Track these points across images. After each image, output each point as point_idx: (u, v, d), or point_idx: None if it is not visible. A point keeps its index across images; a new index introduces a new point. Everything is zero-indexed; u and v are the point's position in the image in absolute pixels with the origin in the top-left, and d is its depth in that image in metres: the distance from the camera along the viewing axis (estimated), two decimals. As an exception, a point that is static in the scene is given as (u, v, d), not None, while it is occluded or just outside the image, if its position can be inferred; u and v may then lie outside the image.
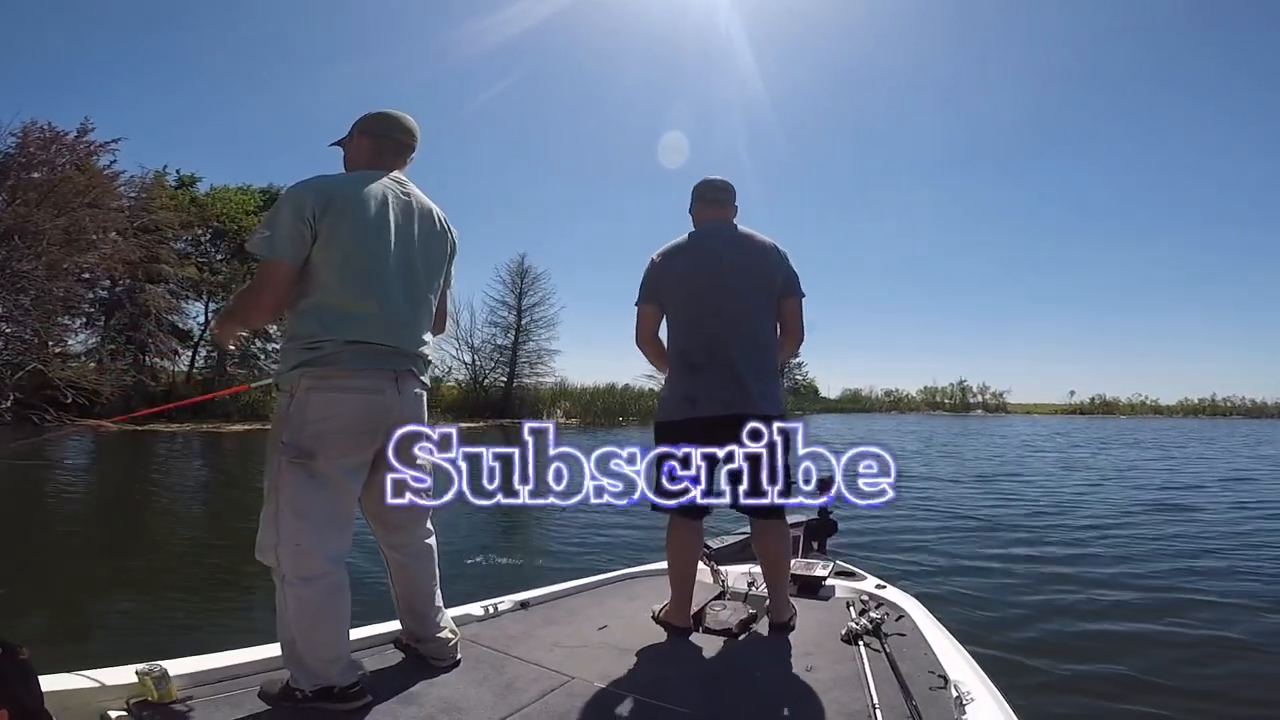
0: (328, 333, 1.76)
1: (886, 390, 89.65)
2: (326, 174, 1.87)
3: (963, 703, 1.73)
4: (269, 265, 1.75)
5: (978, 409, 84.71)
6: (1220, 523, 8.68)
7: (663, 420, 2.44)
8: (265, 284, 1.77)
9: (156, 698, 1.62)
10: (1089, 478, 14.42)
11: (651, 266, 2.55)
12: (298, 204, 1.75)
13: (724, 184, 2.62)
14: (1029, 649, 4.13)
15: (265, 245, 1.74)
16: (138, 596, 5.35)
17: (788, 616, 2.43)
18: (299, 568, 1.71)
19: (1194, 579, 5.82)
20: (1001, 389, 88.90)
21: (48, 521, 8.70)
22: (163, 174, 29.62)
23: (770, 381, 2.41)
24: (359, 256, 1.80)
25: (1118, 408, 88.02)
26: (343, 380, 1.77)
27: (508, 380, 38.81)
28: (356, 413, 1.79)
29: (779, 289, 2.48)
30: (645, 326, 2.58)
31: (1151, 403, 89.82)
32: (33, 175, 20.51)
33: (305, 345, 1.76)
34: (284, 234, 1.73)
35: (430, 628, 2.05)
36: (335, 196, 1.78)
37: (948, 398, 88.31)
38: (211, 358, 30.24)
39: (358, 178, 1.88)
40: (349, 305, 1.79)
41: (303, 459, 1.73)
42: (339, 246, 1.77)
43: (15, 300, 19.58)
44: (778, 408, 2.41)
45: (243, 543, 1.88)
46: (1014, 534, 7.90)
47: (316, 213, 1.75)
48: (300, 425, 1.74)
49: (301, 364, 1.75)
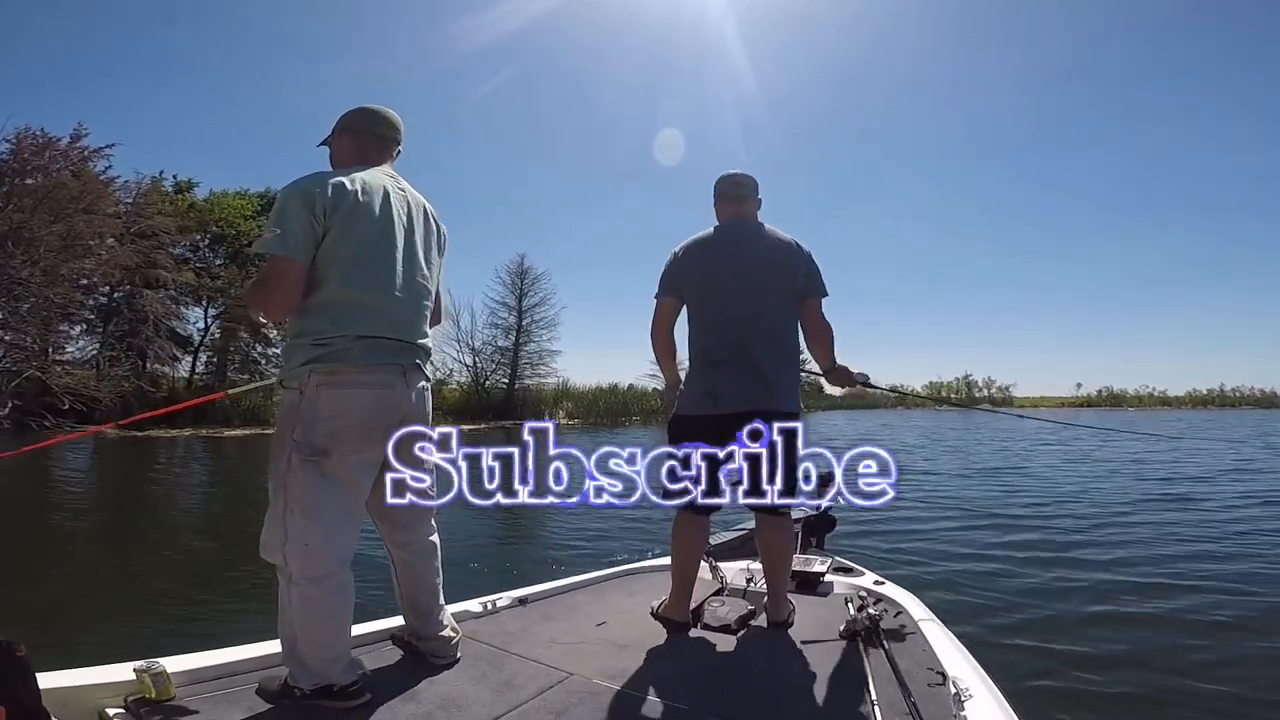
0: (337, 328, 1.76)
1: (891, 386, 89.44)
2: (329, 170, 1.87)
3: (961, 699, 1.75)
4: (283, 263, 1.72)
5: (984, 403, 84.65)
6: (1225, 519, 8.58)
7: (681, 414, 2.46)
8: (279, 282, 1.74)
9: (155, 695, 1.63)
10: (1095, 470, 14.39)
11: (673, 259, 2.56)
12: (308, 200, 1.73)
13: (744, 178, 2.62)
14: (1028, 645, 4.14)
15: (279, 243, 1.71)
16: (136, 594, 5.38)
17: (786, 613, 2.45)
18: (307, 567, 1.71)
19: (1198, 574, 5.81)
20: (1007, 383, 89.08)
21: (47, 522, 8.76)
22: (159, 179, 29.70)
23: (791, 379, 2.44)
24: (367, 252, 1.81)
25: (1125, 399, 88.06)
26: (354, 376, 1.77)
27: (509, 382, 38.81)
28: (369, 409, 1.79)
29: (801, 287, 2.49)
30: (663, 318, 2.60)
31: (1159, 394, 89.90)
32: (26, 181, 20.57)
33: (314, 341, 1.75)
34: (297, 230, 1.72)
35: (433, 626, 2.06)
36: (345, 192, 1.78)
37: (953, 392, 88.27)
38: (212, 363, 30.26)
39: (358, 172, 1.86)
40: (358, 300, 1.79)
41: (316, 457, 1.72)
42: (349, 242, 1.77)
43: (13, 307, 19.67)
44: (797, 404, 2.43)
45: (240, 542, 1.90)
46: (1013, 528, 7.91)
47: (328, 209, 1.74)
48: (312, 422, 1.73)
49: (311, 360, 1.74)
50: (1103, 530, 7.80)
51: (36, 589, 5.52)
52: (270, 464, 1.78)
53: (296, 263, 1.73)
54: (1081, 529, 7.89)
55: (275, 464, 1.76)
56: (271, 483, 1.77)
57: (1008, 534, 7.58)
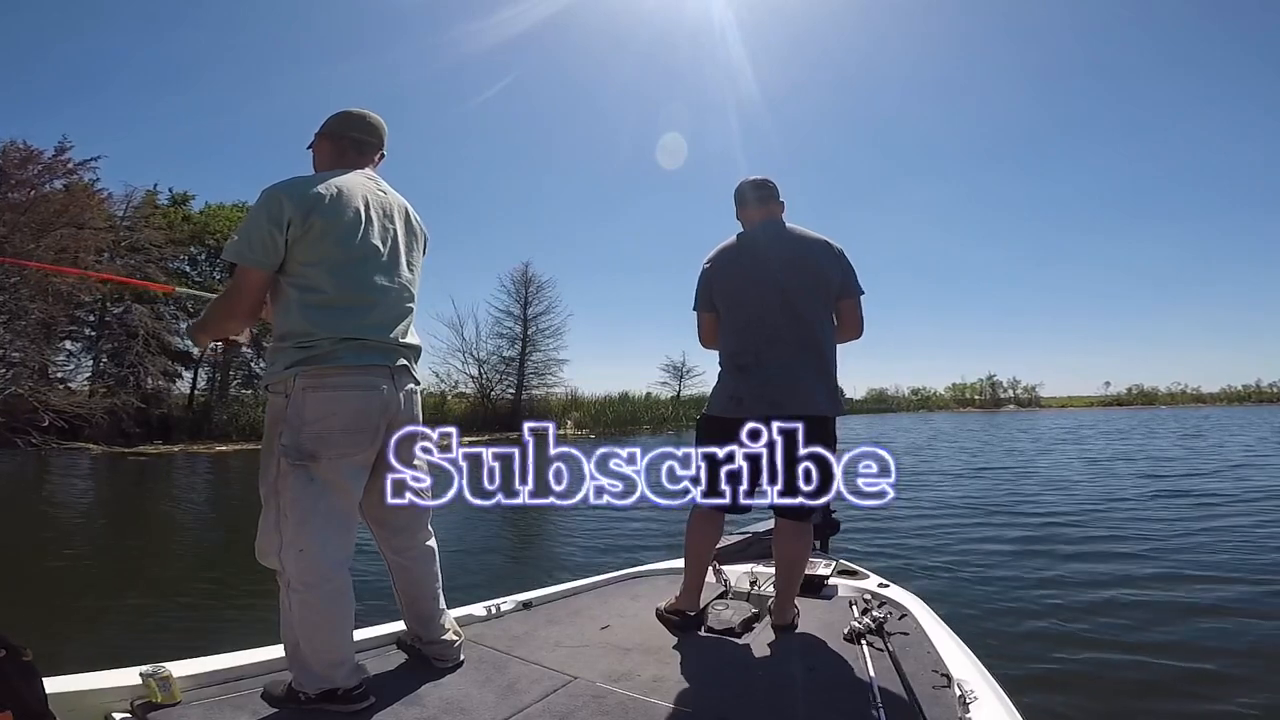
0: (321, 330, 1.81)
1: (913, 389, 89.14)
2: (302, 175, 1.92)
3: (966, 701, 1.78)
4: (243, 272, 1.80)
5: (1009, 404, 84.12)
6: (1244, 522, 8.46)
7: (710, 414, 2.55)
8: (239, 290, 1.82)
9: (160, 699, 1.69)
10: (1108, 469, 14.41)
11: (704, 273, 2.64)
12: (273, 208, 1.78)
13: (764, 182, 2.67)
14: (1033, 647, 4.17)
15: (237, 251, 1.79)
16: (141, 599, 5.50)
17: (791, 617, 2.50)
18: (302, 573, 1.76)
19: (1209, 574, 5.81)
20: (1033, 383, 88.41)
21: (50, 529, 8.97)
22: (154, 192, 29.97)
23: (824, 381, 2.46)
24: (346, 253, 1.86)
25: (1157, 397, 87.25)
26: (339, 378, 1.82)
27: (516, 392, 38.64)
28: (355, 411, 1.84)
29: (836, 289, 2.53)
30: (707, 332, 2.69)
31: (1193, 391, 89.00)
32: (10, 195, 20.78)
33: (298, 344, 1.80)
34: (258, 240, 1.78)
35: (435, 629, 2.12)
36: (316, 196, 1.82)
37: (977, 394, 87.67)
38: (214, 380, 30.31)
39: (334, 176, 1.91)
40: (340, 302, 1.84)
41: (304, 461, 1.77)
42: (326, 245, 1.82)
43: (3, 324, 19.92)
44: (832, 408, 2.46)
45: (244, 547, 1.96)
46: (1019, 530, 7.93)
47: (296, 216, 1.78)
48: (299, 426, 1.78)
49: (296, 363, 1.79)
50: (1111, 531, 7.80)
51: (41, 592, 5.69)
52: (260, 470, 1.83)
53: (256, 271, 1.80)
54: (1089, 530, 7.91)
55: (265, 470, 1.82)
56: (263, 489, 1.82)
57: (1013, 536, 7.62)
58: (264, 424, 1.89)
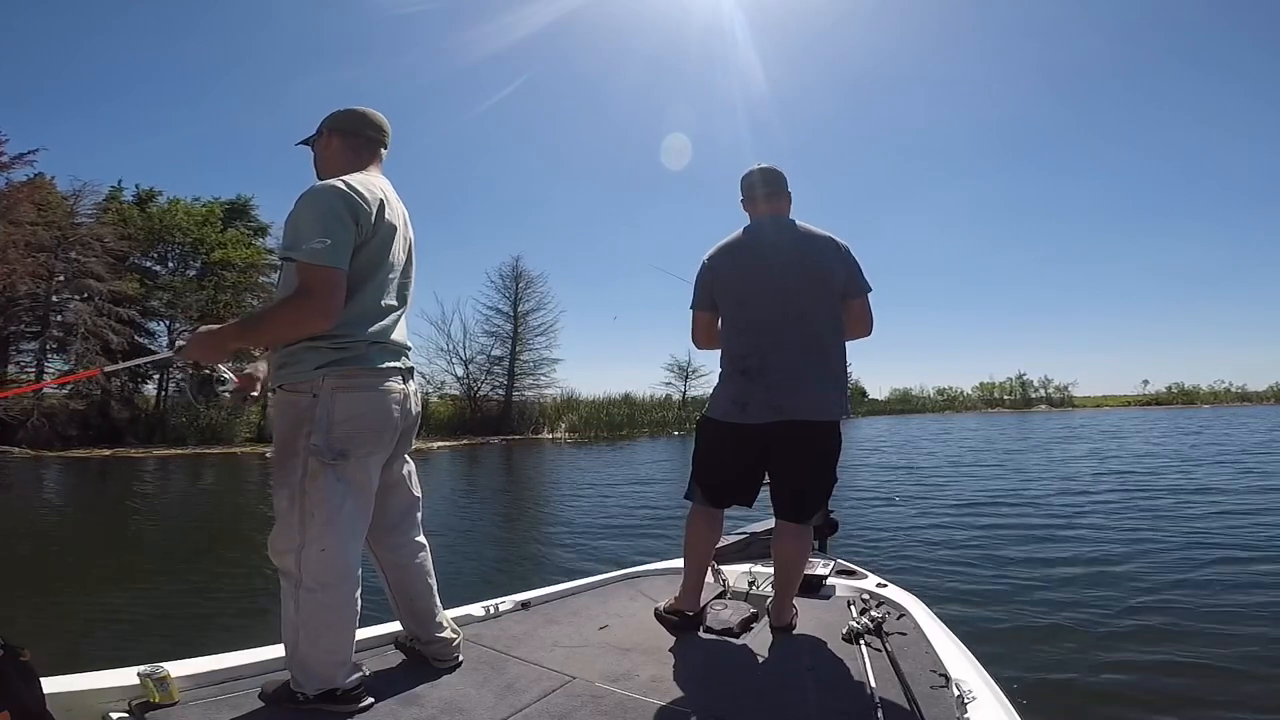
0: (359, 334, 1.94)
1: (939, 389, 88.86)
2: (348, 176, 1.97)
3: (964, 701, 1.89)
4: (329, 273, 1.83)
5: (1041, 404, 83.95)
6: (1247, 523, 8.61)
7: (711, 417, 2.64)
8: (328, 293, 1.84)
9: (158, 699, 1.81)
10: (1112, 467, 14.68)
11: (703, 269, 2.71)
12: (354, 210, 1.89)
13: (773, 173, 2.74)
14: (1032, 647, 4.34)
15: (329, 254, 1.83)
16: (139, 599, 5.69)
17: (789, 617, 2.63)
18: (321, 573, 1.88)
19: (1210, 577, 5.96)
20: (1066, 381, 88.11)
21: (46, 530, 9.27)
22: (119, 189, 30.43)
23: (830, 385, 2.54)
24: (390, 260, 2.01)
25: (1199, 396, 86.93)
26: (368, 379, 1.95)
27: (505, 393, 38.48)
28: (383, 411, 1.98)
29: (841, 287, 2.61)
30: (701, 331, 2.78)
31: (1237, 389, 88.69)
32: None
33: (331, 345, 1.91)
34: (344, 241, 1.86)
35: (432, 628, 2.24)
36: (380, 202, 1.96)
37: (1006, 394, 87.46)
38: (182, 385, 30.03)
39: (376, 179, 2.05)
40: (370, 306, 1.97)
41: (336, 460, 1.88)
42: (377, 250, 1.97)
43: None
44: (837, 412, 2.55)
45: (241, 547, 2.08)
46: (1019, 530, 8.16)
47: (368, 220, 1.92)
48: (328, 425, 1.89)
49: (328, 363, 1.90)
50: (1112, 532, 8.00)
51: (39, 593, 5.89)
52: (278, 471, 1.91)
53: (343, 273, 1.87)
54: (1090, 531, 8.11)
55: (287, 471, 1.89)
56: (282, 490, 1.90)
57: (1012, 536, 7.84)
58: (274, 426, 1.99)
